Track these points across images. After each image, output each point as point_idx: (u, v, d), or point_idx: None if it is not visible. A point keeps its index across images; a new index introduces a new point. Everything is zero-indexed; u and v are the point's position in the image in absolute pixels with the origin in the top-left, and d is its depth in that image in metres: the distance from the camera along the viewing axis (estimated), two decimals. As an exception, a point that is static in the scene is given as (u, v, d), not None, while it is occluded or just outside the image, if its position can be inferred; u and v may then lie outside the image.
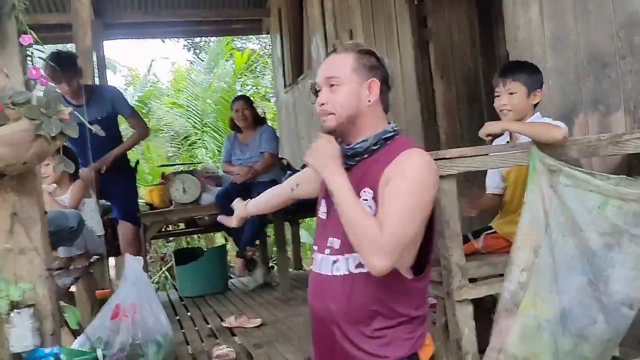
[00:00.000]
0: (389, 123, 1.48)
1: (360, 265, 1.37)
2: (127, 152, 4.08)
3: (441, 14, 3.94)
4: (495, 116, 2.40)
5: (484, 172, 2.46)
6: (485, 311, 2.15)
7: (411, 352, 1.40)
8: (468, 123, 4.03)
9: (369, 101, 1.43)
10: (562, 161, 1.99)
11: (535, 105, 2.34)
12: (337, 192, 1.36)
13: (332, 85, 1.43)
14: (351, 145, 1.44)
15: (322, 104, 1.43)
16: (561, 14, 2.61)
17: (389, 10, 4.21)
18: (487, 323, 2.04)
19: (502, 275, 2.03)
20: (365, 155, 1.43)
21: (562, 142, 2.01)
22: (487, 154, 2.06)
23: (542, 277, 1.93)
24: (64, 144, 1.66)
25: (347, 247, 1.38)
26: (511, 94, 2.27)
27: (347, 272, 1.39)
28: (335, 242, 1.42)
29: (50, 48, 4.47)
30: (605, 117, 2.45)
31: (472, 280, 2.06)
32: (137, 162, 4.50)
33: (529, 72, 2.31)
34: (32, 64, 1.65)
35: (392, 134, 1.44)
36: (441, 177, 1.96)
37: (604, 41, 2.40)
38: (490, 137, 2.20)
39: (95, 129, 1.71)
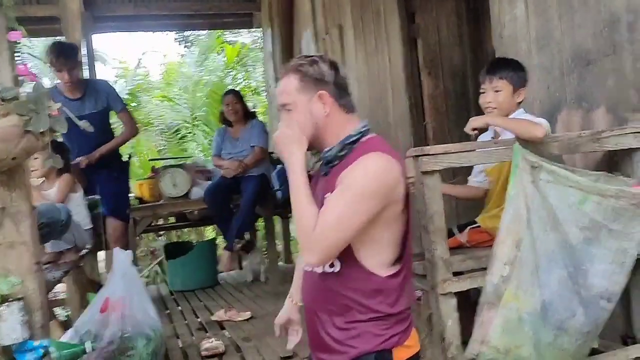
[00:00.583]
0: (361, 122, 1.50)
1: (332, 264, 1.44)
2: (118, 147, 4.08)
3: (429, 10, 3.97)
4: (482, 112, 2.44)
5: (466, 169, 2.51)
6: (469, 304, 2.19)
7: (381, 348, 1.42)
8: (456, 119, 4.06)
9: (326, 113, 1.45)
10: (544, 157, 2.04)
11: (520, 102, 2.39)
12: (291, 180, 1.42)
13: (289, 110, 1.47)
14: (321, 155, 1.50)
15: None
16: (546, 11, 2.65)
17: (377, 6, 4.24)
18: (472, 315, 2.09)
19: (485, 268, 2.07)
20: (336, 162, 1.46)
21: (542, 140, 2.05)
22: (471, 150, 2.10)
23: (524, 270, 1.97)
24: (57, 138, 1.68)
25: None
26: (497, 91, 2.30)
27: (320, 271, 1.46)
28: None
29: (38, 41, 4.46)
30: (588, 114, 2.49)
31: (456, 274, 2.10)
32: (130, 156, 4.49)
33: (514, 70, 2.35)
34: (21, 60, 1.66)
35: (356, 137, 1.46)
36: (425, 172, 2.01)
37: (588, 39, 2.44)
38: (475, 132, 2.24)
39: (84, 124, 1.73)
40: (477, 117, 2.25)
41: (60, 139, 3.37)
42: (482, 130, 2.31)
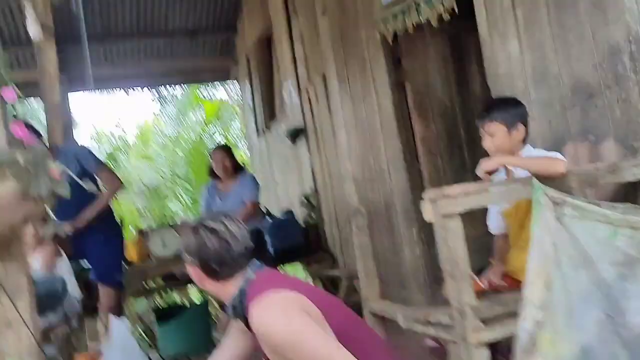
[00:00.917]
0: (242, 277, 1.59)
1: None
2: (110, 208, 3.88)
3: (415, 54, 4.00)
4: (474, 150, 2.39)
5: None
6: (501, 356, 2.07)
7: None
8: (449, 159, 4.04)
9: (199, 281, 1.61)
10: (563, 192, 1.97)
11: (524, 139, 2.34)
12: None
13: None
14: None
15: None
16: (541, 47, 2.65)
17: (362, 53, 4.25)
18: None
19: (512, 314, 1.96)
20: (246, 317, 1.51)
21: (565, 175, 1.99)
22: (487, 191, 2.02)
23: (558, 313, 1.87)
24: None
25: None
26: (492, 135, 2.26)
27: None
28: None
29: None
30: (595, 146, 2.46)
31: (483, 322, 1.98)
32: (122, 219, 4.30)
33: (505, 109, 2.31)
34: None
35: (238, 296, 1.55)
36: (446, 216, 1.92)
37: (587, 72, 2.44)
38: (488, 176, 2.17)
39: (88, 185, 1.60)
40: (489, 159, 2.18)
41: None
42: (494, 171, 2.24)
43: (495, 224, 2.42)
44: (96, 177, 3.71)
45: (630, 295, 1.84)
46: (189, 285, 7.14)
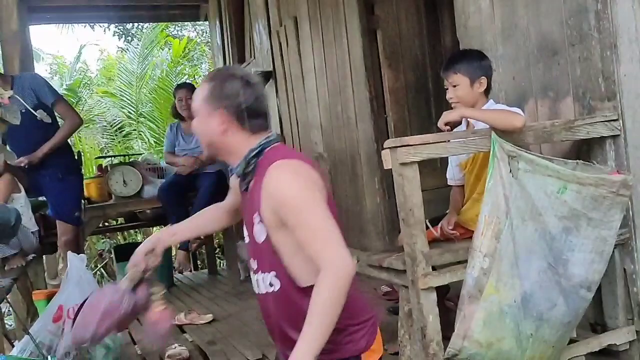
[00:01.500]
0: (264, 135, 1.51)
1: (271, 284, 1.45)
2: (68, 144, 3.78)
3: (389, 2, 3.93)
4: (441, 103, 2.41)
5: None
6: (439, 297, 2.16)
7: (352, 355, 1.44)
8: (416, 111, 4.05)
9: (221, 130, 1.47)
10: (519, 147, 2.02)
11: (487, 91, 2.37)
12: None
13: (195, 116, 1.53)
14: (232, 168, 1.52)
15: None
16: (512, 1, 2.64)
17: (335, -3, 4.15)
18: (441, 309, 2.06)
19: (462, 262, 2.04)
20: (249, 177, 1.47)
21: (521, 130, 2.03)
22: (448, 141, 2.05)
23: (504, 262, 1.95)
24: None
25: (262, 267, 1.46)
26: (454, 86, 2.29)
27: (264, 291, 1.47)
28: (254, 263, 1.50)
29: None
30: (555, 103, 2.50)
31: (434, 268, 2.06)
32: (80, 154, 4.18)
33: (468, 61, 2.33)
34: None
35: (257, 149, 1.47)
36: (404, 164, 1.95)
37: (554, 28, 2.45)
38: (448, 127, 2.20)
39: (41, 114, 1.55)
40: (450, 111, 2.21)
41: None
42: (454, 125, 2.27)
43: (452, 175, 2.47)
44: (53, 110, 3.59)
45: (573, 247, 1.93)
46: (152, 227, 7.19)
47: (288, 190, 1.35)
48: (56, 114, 3.67)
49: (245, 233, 1.53)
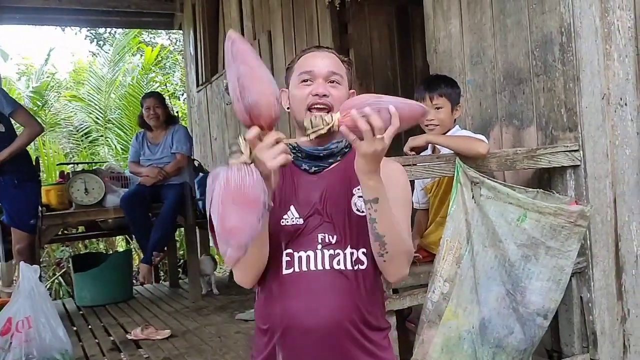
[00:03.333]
0: None
1: (354, 262, 1.27)
2: (26, 150, 3.67)
3: (362, 22, 3.97)
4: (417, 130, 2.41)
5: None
6: (400, 319, 2.15)
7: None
8: (385, 131, 4.08)
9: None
10: (483, 174, 2.04)
11: (455, 119, 2.39)
12: (382, 194, 1.20)
13: (334, 81, 1.34)
14: (325, 146, 1.34)
15: (324, 95, 1.30)
16: (480, 29, 2.69)
17: (310, 14, 4.18)
18: (401, 331, 2.05)
19: (423, 285, 2.04)
20: (339, 158, 1.36)
21: (485, 157, 2.05)
22: (414, 164, 2.06)
23: (464, 287, 1.96)
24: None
25: (351, 242, 1.27)
26: (438, 108, 2.28)
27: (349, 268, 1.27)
28: (332, 238, 1.28)
29: None
30: (519, 131, 2.55)
31: (395, 291, 2.05)
32: (38, 160, 4.06)
33: (452, 87, 2.35)
34: None
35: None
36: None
37: (520, 58, 2.50)
38: (413, 152, 2.20)
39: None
40: (417, 137, 2.22)
41: None
42: (419, 150, 2.28)
43: (417, 199, 2.48)
44: (10, 120, 3.52)
45: (531, 275, 1.95)
46: (114, 237, 7.01)
47: (404, 176, 1.35)
48: (16, 122, 3.60)
49: (296, 216, 1.31)
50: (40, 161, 7.81)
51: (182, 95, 11.23)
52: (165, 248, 4.36)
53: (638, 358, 2.36)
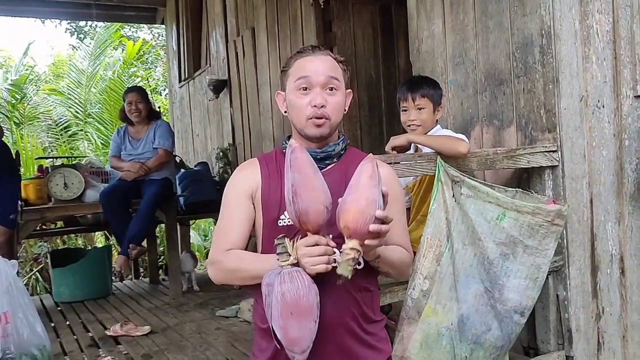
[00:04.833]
0: None
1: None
2: (6, 144, 3.62)
3: (346, 20, 3.98)
4: (393, 124, 2.43)
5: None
6: (391, 321, 2.17)
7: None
8: (368, 130, 4.11)
9: (345, 110, 1.42)
10: (464, 172, 2.07)
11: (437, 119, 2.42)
12: (382, 250, 1.28)
13: (332, 88, 1.34)
14: (323, 149, 1.38)
15: (323, 106, 1.32)
16: (463, 30, 2.72)
17: (294, 11, 4.18)
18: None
19: (403, 283, 2.06)
20: (335, 160, 1.39)
21: (465, 156, 2.07)
22: (397, 163, 2.08)
23: (444, 285, 1.98)
24: None
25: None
26: (420, 109, 2.30)
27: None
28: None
29: None
30: (500, 131, 2.58)
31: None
32: (18, 154, 4.00)
33: (435, 88, 2.37)
34: None
35: (345, 137, 1.46)
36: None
37: (501, 59, 2.53)
38: (395, 152, 2.22)
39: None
40: (398, 136, 2.23)
41: None
42: (401, 150, 2.30)
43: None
44: None
45: (509, 273, 1.98)
46: (93, 232, 6.93)
47: (398, 185, 1.42)
48: None
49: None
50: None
51: (164, 90, 11.15)
52: (144, 244, 4.33)
53: (612, 355, 2.41)
